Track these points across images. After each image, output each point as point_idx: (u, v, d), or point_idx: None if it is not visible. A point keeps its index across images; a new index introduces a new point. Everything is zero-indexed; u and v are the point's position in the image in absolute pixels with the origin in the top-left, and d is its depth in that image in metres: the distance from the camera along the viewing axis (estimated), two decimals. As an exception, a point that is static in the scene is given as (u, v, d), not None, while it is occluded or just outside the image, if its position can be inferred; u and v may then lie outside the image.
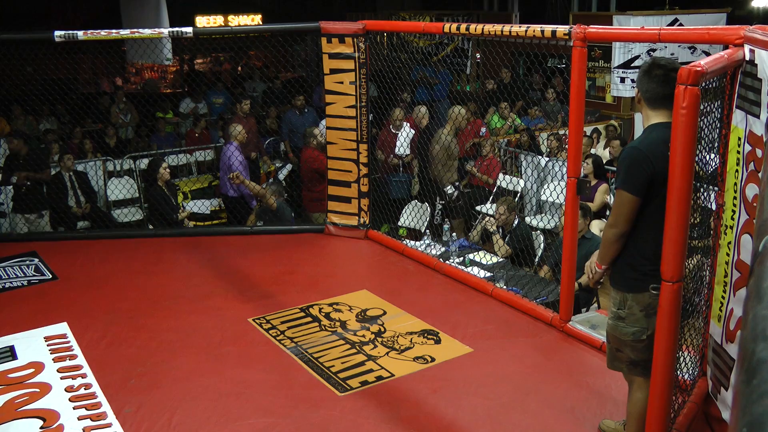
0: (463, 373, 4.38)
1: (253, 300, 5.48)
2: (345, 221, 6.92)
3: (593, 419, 3.84)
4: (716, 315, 3.72)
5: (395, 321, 5.07)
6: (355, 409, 3.98)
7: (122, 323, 5.10)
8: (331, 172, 6.89)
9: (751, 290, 0.79)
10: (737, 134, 3.49)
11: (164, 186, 7.53)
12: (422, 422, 3.88)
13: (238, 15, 21.51)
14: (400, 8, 19.40)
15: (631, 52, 10.75)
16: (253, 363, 4.52)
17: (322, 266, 6.31)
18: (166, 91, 14.44)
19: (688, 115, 2.91)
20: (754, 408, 0.61)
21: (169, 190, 7.58)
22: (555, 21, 15.04)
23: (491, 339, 4.82)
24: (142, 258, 6.48)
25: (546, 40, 4.77)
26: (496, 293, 5.42)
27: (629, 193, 3.14)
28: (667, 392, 3.24)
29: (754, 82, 3.27)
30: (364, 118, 6.59)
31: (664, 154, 3.03)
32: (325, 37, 6.52)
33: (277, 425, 3.83)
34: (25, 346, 4.77)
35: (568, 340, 4.77)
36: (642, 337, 3.26)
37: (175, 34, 6.63)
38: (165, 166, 7.62)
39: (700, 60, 3.03)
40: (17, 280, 5.99)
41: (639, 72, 3.30)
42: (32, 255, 6.48)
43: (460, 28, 5.53)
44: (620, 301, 3.30)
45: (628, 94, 11.07)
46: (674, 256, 3.02)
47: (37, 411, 4.01)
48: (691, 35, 4.45)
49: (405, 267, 6.20)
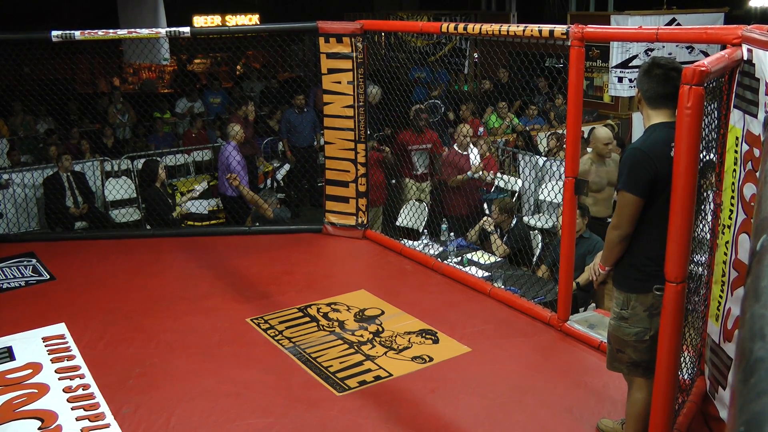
0: (461, 372, 4.38)
1: (251, 300, 5.48)
2: (343, 221, 6.92)
3: (591, 418, 3.85)
4: (714, 314, 3.73)
5: (393, 321, 5.07)
6: (354, 409, 3.98)
7: (120, 324, 5.10)
8: (328, 172, 6.89)
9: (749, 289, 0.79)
10: (735, 134, 3.50)
11: (160, 186, 7.52)
12: (420, 422, 3.88)
13: (235, 15, 21.52)
14: (397, 8, 19.41)
15: (628, 52, 10.75)
16: (251, 363, 4.52)
17: (320, 266, 6.31)
18: (163, 91, 14.43)
19: (692, 115, 2.90)
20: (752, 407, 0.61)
21: (165, 190, 7.58)
22: (552, 21, 15.05)
23: (489, 339, 4.82)
24: (140, 258, 6.47)
25: (544, 39, 4.77)
26: (494, 293, 5.42)
27: (632, 194, 3.13)
28: (671, 393, 3.24)
29: (752, 82, 3.28)
30: (362, 117, 6.59)
31: (666, 155, 3.03)
32: (323, 37, 6.52)
33: (275, 425, 3.83)
34: (23, 346, 4.77)
35: (566, 340, 4.78)
36: (645, 338, 3.26)
37: (173, 34, 6.63)
38: (163, 167, 7.62)
39: (703, 60, 3.02)
40: (15, 280, 5.99)
41: (639, 72, 3.29)
42: (30, 255, 6.48)
43: (457, 28, 5.54)
44: (623, 301, 3.30)
45: (626, 93, 11.07)
46: (678, 256, 3.02)
47: (36, 412, 4.00)
48: (689, 35, 4.46)
49: (403, 267, 6.20)
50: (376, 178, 7.29)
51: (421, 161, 7.77)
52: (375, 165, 7.28)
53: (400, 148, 7.47)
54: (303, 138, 9.47)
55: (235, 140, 7.63)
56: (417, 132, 7.57)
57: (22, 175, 8.20)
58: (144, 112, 10.78)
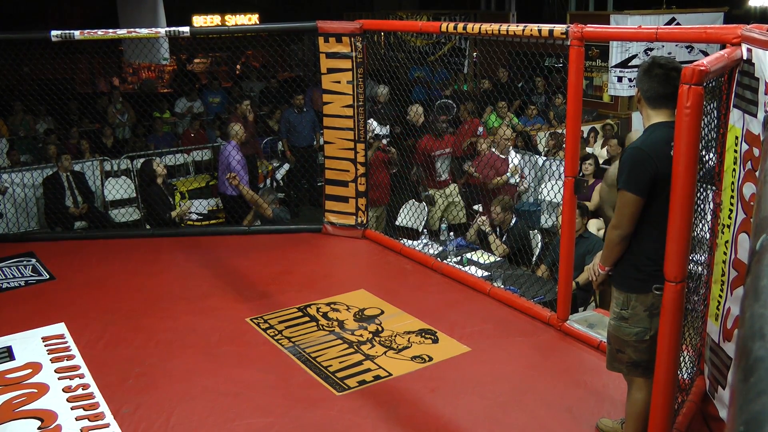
0: (461, 372, 4.38)
1: (250, 300, 5.48)
2: (342, 221, 6.91)
3: (591, 418, 3.84)
4: (713, 314, 3.73)
5: (393, 320, 5.07)
6: (353, 409, 3.97)
7: (120, 323, 5.10)
8: (328, 172, 6.89)
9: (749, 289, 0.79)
10: (734, 133, 3.50)
11: (162, 185, 7.51)
12: (420, 421, 3.88)
13: (235, 14, 21.52)
14: (397, 7, 19.41)
15: (628, 52, 10.76)
16: (250, 363, 4.52)
17: (319, 266, 6.31)
18: (163, 91, 14.43)
19: (691, 115, 2.90)
20: (752, 406, 0.61)
21: (166, 190, 7.57)
22: (552, 20, 15.05)
23: (489, 338, 4.82)
24: (139, 258, 6.47)
25: (543, 39, 4.77)
26: (493, 292, 5.42)
27: (633, 193, 3.13)
28: (671, 392, 3.24)
29: (752, 81, 3.28)
30: (362, 117, 6.59)
31: (666, 154, 3.03)
32: (322, 37, 6.51)
33: (274, 425, 3.83)
34: (23, 346, 4.77)
35: (566, 339, 4.78)
36: (645, 338, 3.25)
37: (172, 33, 6.63)
38: (158, 163, 7.59)
39: (702, 59, 3.02)
40: (14, 280, 5.98)
41: (639, 71, 3.28)
42: (30, 255, 6.47)
43: (457, 28, 5.53)
44: (623, 301, 3.29)
45: (626, 93, 11.08)
46: (677, 256, 3.02)
47: (35, 411, 4.00)
48: (689, 34, 4.46)
49: (402, 266, 6.20)
50: (381, 177, 7.29)
51: (444, 167, 7.74)
52: (380, 165, 7.29)
53: (423, 157, 7.41)
54: (302, 138, 9.48)
55: (236, 140, 7.63)
56: (437, 137, 7.52)
57: (22, 174, 8.19)
58: (144, 112, 10.78)
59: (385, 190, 7.39)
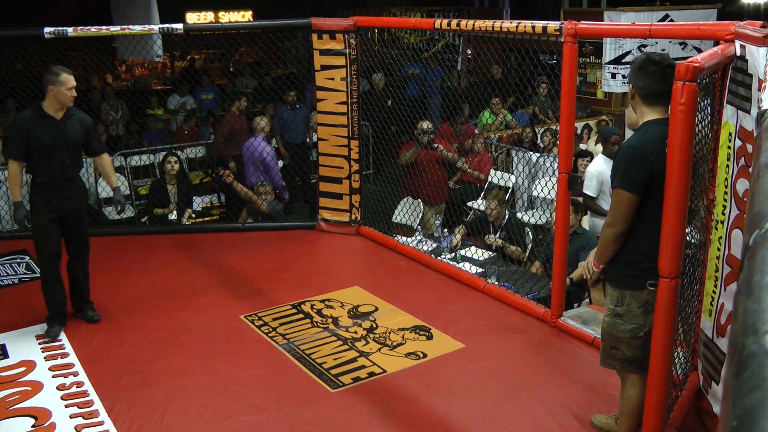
0: (455, 368, 4.38)
1: (245, 297, 5.47)
2: (336, 217, 6.91)
3: (585, 414, 3.86)
4: (707, 309, 3.74)
5: (387, 317, 5.07)
6: (348, 406, 3.98)
7: (114, 321, 5.09)
8: (322, 169, 6.88)
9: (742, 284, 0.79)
10: (728, 129, 3.51)
11: (172, 179, 7.47)
12: (414, 418, 3.88)
13: (228, 11, 21.43)
14: (391, 4, 19.36)
15: (622, 48, 10.76)
16: (245, 360, 4.52)
17: (313, 263, 6.30)
18: (156, 88, 14.39)
19: (686, 111, 2.91)
20: (744, 401, 0.61)
21: (179, 184, 7.52)
22: (546, 17, 15.05)
23: (483, 335, 4.83)
24: (133, 255, 6.46)
25: (537, 36, 4.77)
26: (487, 289, 5.43)
27: (628, 191, 3.12)
28: (665, 388, 3.25)
29: (745, 78, 3.28)
30: (356, 114, 6.58)
31: (662, 152, 3.02)
32: (316, 34, 6.50)
33: (269, 422, 3.83)
34: (17, 344, 4.76)
35: (560, 336, 4.79)
36: (639, 334, 3.26)
37: (166, 30, 6.61)
38: (169, 160, 7.57)
39: (696, 56, 3.02)
40: (8, 278, 5.97)
41: (632, 68, 3.26)
42: (23, 253, 6.45)
43: (450, 24, 5.53)
44: (618, 298, 3.29)
45: (619, 89, 11.08)
46: (672, 252, 3.03)
47: (29, 409, 3.99)
48: (682, 31, 4.48)
49: (397, 263, 6.20)
50: (437, 175, 7.18)
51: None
52: (433, 163, 7.21)
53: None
54: (296, 134, 9.46)
55: (264, 133, 7.67)
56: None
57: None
58: (137, 109, 10.73)
59: (442, 188, 7.24)
